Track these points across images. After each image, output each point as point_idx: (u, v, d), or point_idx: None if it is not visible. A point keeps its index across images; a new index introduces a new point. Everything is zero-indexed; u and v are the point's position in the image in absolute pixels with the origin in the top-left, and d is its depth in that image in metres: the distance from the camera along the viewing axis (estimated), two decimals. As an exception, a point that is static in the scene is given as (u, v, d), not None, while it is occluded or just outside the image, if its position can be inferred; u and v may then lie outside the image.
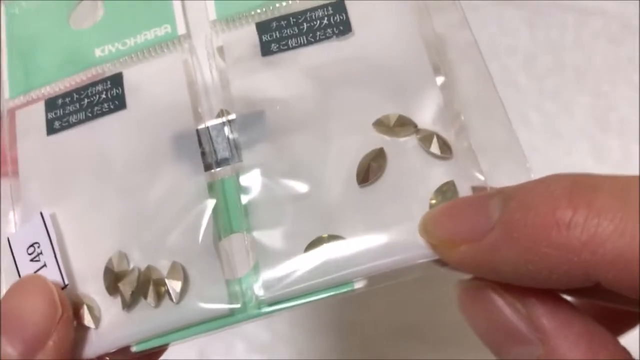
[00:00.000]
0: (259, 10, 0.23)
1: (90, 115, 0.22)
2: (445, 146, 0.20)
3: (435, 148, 0.20)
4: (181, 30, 0.23)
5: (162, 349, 0.20)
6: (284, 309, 0.19)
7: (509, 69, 0.43)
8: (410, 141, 0.20)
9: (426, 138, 0.20)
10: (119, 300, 0.20)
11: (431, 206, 0.19)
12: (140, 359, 0.20)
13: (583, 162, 0.41)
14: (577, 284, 0.16)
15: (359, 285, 0.19)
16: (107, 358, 0.20)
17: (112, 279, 0.20)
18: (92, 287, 0.20)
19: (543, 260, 0.16)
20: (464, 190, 0.19)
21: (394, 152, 0.20)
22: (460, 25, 0.21)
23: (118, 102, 0.22)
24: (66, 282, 0.20)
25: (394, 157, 0.20)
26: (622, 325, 0.21)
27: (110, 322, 0.20)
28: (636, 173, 0.16)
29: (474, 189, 0.20)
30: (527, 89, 0.43)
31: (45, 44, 0.24)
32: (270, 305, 0.19)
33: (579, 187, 0.16)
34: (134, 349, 0.20)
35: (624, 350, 0.17)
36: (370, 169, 0.20)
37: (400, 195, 0.20)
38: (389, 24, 0.22)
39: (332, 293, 0.19)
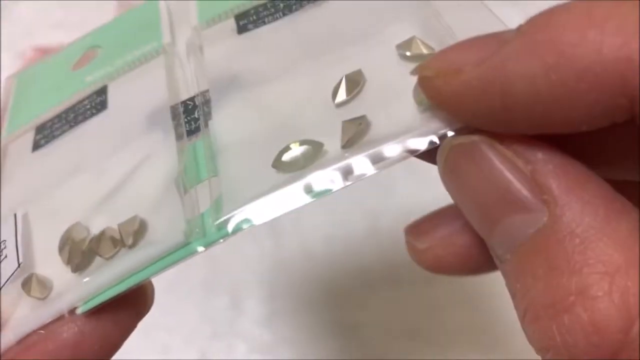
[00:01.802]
0: (238, 6, 0.23)
1: (73, 124, 0.23)
2: (429, 47, 0.18)
3: (416, 49, 0.18)
4: (166, 39, 0.23)
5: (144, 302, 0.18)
6: (247, 227, 0.17)
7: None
8: (390, 56, 0.18)
9: (406, 46, 0.18)
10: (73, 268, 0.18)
11: (418, 101, 0.16)
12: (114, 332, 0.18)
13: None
14: (608, 106, 0.13)
15: (335, 187, 0.16)
16: (42, 331, 0.17)
17: (69, 248, 0.19)
18: (49, 262, 0.19)
19: (571, 63, 0.12)
20: None
21: (372, 70, 0.18)
22: None
23: (100, 107, 0.23)
24: (20, 261, 0.19)
25: (372, 75, 0.18)
26: None
27: (61, 288, 0.18)
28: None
29: None
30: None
31: (40, 85, 0.25)
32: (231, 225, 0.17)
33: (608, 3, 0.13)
34: (79, 309, 0.17)
35: None
36: (345, 84, 0.18)
37: (383, 105, 0.17)
38: None
39: (305, 201, 0.16)
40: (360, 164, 0.16)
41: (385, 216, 0.39)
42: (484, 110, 0.14)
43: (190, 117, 0.20)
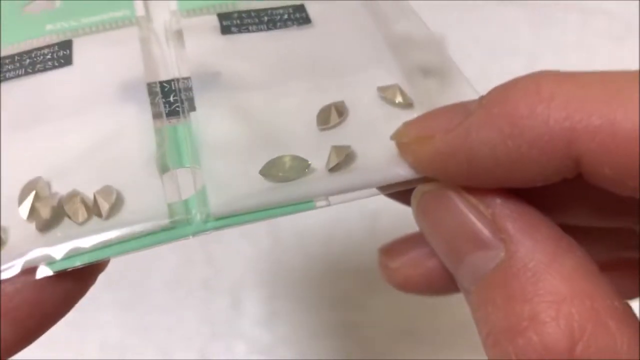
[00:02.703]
0: (220, 5, 0.23)
1: (30, 71, 0.21)
2: (407, 96, 0.20)
3: (397, 97, 0.19)
4: (140, 12, 0.23)
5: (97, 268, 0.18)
6: (234, 223, 0.17)
7: (511, 69, 0.43)
8: (371, 95, 0.20)
9: (386, 90, 0.20)
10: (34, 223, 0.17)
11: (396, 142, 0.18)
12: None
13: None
14: (557, 166, 0.15)
15: (320, 203, 0.17)
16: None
17: (31, 202, 0.17)
18: (6, 212, 0.18)
19: (524, 133, 0.15)
20: None
21: (355, 105, 0.20)
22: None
23: (64, 61, 0.21)
24: None
25: (354, 109, 0.19)
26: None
27: (19, 242, 0.17)
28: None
29: None
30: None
31: None
32: (219, 219, 0.17)
33: (565, 73, 0.15)
34: (43, 270, 0.16)
35: (591, 260, 0.16)
36: (331, 111, 0.19)
37: (363, 136, 0.19)
38: (347, 21, 0.22)
39: (289, 210, 0.17)
40: (346, 189, 0.18)
41: (385, 216, 0.39)
42: (452, 170, 0.16)
43: (168, 98, 0.20)
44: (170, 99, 0.20)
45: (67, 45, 0.22)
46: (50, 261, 0.17)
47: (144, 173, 0.18)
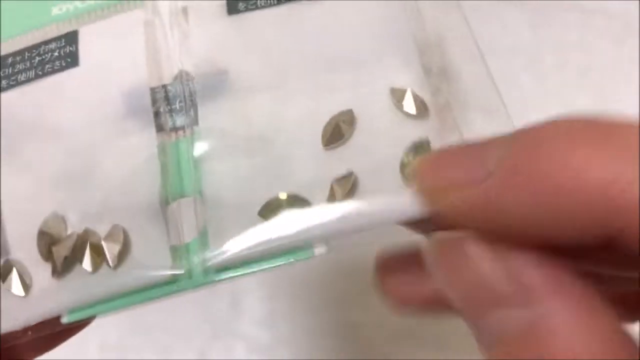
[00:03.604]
0: None
1: (40, 73, 0.21)
2: (421, 105, 0.18)
3: (409, 106, 0.18)
4: None
5: (88, 321, 0.19)
6: (233, 277, 0.18)
7: (512, 69, 0.43)
8: (383, 101, 0.19)
9: (399, 95, 0.18)
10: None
11: (402, 165, 0.17)
12: (65, 331, 0.19)
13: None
14: (589, 234, 0.14)
15: (319, 250, 0.17)
16: (30, 332, 0.18)
17: (46, 243, 0.18)
18: (25, 253, 0.19)
19: (553, 205, 0.13)
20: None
21: (364, 114, 0.19)
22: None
23: (70, 60, 0.21)
24: None
25: (363, 119, 0.18)
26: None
27: (41, 290, 0.18)
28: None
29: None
30: (530, 89, 0.43)
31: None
32: (219, 271, 0.18)
33: (595, 127, 0.14)
34: (65, 319, 0.18)
35: (618, 319, 0.14)
36: (336, 130, 0.18)
37: (370, 156, 0.18)
38: None
39: (288, 259, 0.17)
40: (347, 230, 0.17)
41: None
42: (470, 225, 0.15)
43: (172, 106, 0.20)
44: (176, 105, 0.20)
45: (72, 39, 0.21)
46: (70, 311, 0.18)
47: (148, 211, 0.18)
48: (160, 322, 0.37)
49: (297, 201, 0.18)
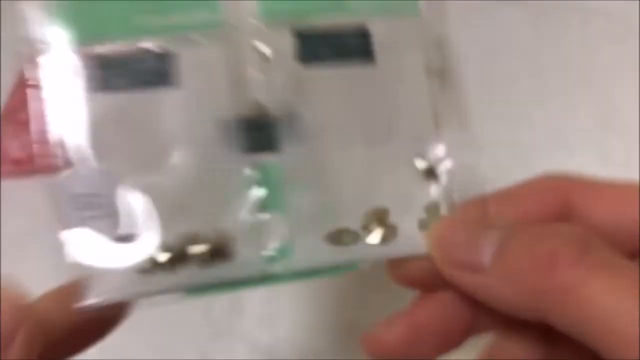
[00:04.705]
0: (297, 17, 0.23)
1: (137, 85, 0.21)
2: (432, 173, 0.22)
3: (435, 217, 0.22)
4: (226, 15, 0.22)
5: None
6: (307, 277, 0.22)
7: (513, 69, 0.43)
8: (415, 215, 0.22)
9: (431, 206, 0.22)
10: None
11: (420, 223, 0.22)
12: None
13: (586, 162, 0.40)
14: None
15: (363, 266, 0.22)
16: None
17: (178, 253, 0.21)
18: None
19: (535, 299, 0.17)
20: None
21: (397, 212, 0.22)
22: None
23: (164, 79, 0.22)
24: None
25: (398, 226, 0.22)
26: None
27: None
28: (637, 175, 0.15)
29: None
30: (531, 89, 0.43)
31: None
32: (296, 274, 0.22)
33: (587, 250, 0.17)
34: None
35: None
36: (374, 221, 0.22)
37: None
38: (407, 57, 0.24)
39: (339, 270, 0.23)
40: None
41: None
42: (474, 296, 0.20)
43: (256, 134, 0.22)
44: (261, 133, 0.22)
45: (164, 59, 0.22)
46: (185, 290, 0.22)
47: (246, 218, 0.21)
48: (160, 322, 0.37)
49: (351, 234, 0.22)
